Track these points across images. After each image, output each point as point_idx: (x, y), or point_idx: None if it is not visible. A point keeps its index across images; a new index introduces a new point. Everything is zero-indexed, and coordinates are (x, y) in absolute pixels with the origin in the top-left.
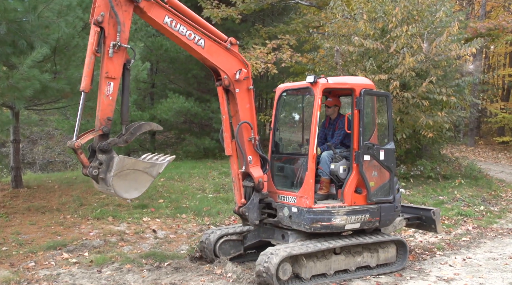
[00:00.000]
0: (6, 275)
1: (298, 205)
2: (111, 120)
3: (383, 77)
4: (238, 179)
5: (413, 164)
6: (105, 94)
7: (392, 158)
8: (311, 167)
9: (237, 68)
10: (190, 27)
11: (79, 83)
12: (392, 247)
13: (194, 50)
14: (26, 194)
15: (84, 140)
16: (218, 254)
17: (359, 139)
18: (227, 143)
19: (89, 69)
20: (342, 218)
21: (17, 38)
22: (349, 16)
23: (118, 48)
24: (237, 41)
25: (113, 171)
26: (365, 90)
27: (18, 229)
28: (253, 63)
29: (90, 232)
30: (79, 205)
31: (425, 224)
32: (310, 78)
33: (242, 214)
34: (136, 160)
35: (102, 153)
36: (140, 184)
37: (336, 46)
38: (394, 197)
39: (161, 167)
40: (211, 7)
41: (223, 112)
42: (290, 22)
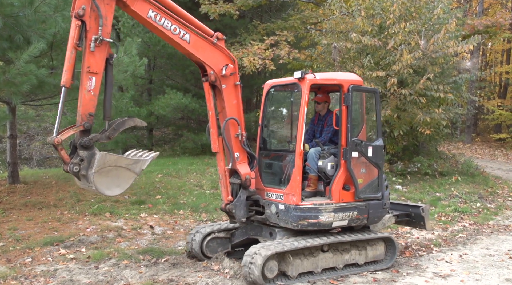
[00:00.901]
0: (3, 270)
1: (285, 202)
2: (93, 116)
3: (381, 74)
4: (224, 176)
5: (410, 160)
6: (86, 89)
7: (380, 154)
8: (298, 164)
9: (223, 63)
10: (175, 21)
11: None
12: (380, 245)
13: (179, 45)
14: (23, 189)
15: (64, 136)
16: (206, 252)
17: (347, 136)
18: (213, 140)
19: (69, 64)
20: (330, 215)
21: (13, 33)
22: (347, 12)
23: (100, 42)
24: (224, 36)
25: (95, 167)
26: (353, 86)
27: (15, 225)
28: (250, 60)
29: (87, 228)
30: (76, 201)
31: (414, 221)
32: (298, 73)
33: (229, 212)
34: (118, 156)
35: (83, 150)
36: (122, 181)
37: (333, 42)
38: (382, 194)
39: (144, 164)
40: (208, 2)
41: (209, 108)
42: (288, 19)
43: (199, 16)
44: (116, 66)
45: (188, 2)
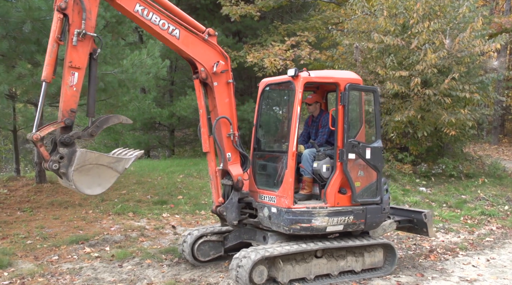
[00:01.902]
0: (31, 268)
1: (278, 205)
2: (74, 112)
3: (404, 74)
4: (215, 177)
5: (435, 162)
6: (68, 84)
7: (379, 157)
8: (290, 165)
9: (215, 60)
10: (164, 16)
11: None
12: (379, 251)
13: (168, 41)
14: (50, 189)
15: (43, 132)
16: (197, 255)
17: (344, 136)
18: (204, 139)
19: (51, 58)
20: (323, 219)
21: (41, 36)
22: (369, 12)
23: (83, 36)
24: (216, 33)
25: (74, 165)
26: (350, 85)
27: (42, 223)
28: (271, 60)
29: (111, 227)
30: (101, 201)
31: (416, 228)
32: (291, 71)
33: (220, 214)
34: (99, 154)
35: (63, 146)
36: (104, 180)
37: (355, 42)
38: (381, 198)
39: (128, 162)
40: (230, 4)
41: (199, 106)
42: (309, 19)
43: (220, 18)
44: (139, 67)
45: (210, 4)
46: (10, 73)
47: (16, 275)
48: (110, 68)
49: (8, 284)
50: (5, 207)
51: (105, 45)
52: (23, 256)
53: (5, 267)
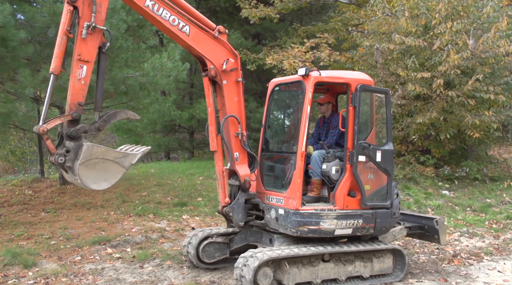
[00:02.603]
0: (54, 268)
1: (285, 206)
2: (82, 106)
3: (426, 75)
4: (222, 176)
5: (458, 165)
6: (76, 77)
7: (390, 160)
8: (299, 166)
9: (224, 58)
10: (174, 12)
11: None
12: (388, 257)
13: (178, 37)
14: (73, 190)
15: (50, 125)
16: (202, 257)
17: (354, 138)
18: (211, 138)
19: (59, 50)
20: (332, 222)
21: None
22: (390, 13)
23: (92, 29)
24: (226, 30)
25: (80, 159)
26: (361, 86)
27: (66, 224)
28: (290, 62)
29: (132, 229)
30: (122, 202)
31: (427, 234)
32: (302, 70)
33: (226, 215)
34: (106, 148)
35: (70, 140)
36: (110, 175)
37: (376, 44)
38: (391, 202)
39: (134, 158)
40: (249, 7)
41: (208, 104)
42: (328, 21)
43: (239, 20)
44: (160, 71)
45: (229, 7)
46: (35, 76)
47: (41, 275)
48: (132, 71)
49: (33, 283)
50: (30, 208)
51: (127, 48)
52: (47, 256)
53: (30, 267)
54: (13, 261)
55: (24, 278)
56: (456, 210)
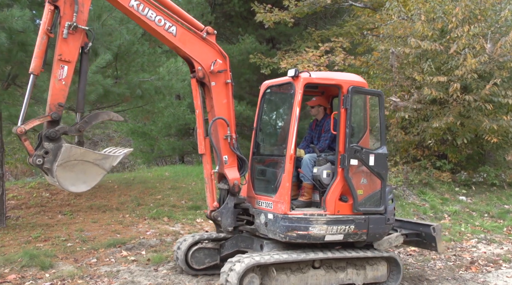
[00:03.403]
0: (71, 270)
1: (274, 211)
2: (62, 107)
3: (442, 79)
4: (210, 180)
5: (475, 170)
6: (57, 78)
7: (384, 164)
8: (288, 169)
9: (212, 59)
10: (160, 12)
11: (138, 88)
12: (382, 265)
13: (165, 38)
14: (89, 193)
15: (28, 125)
16: (191, 263)
17: (345, 141)
18: (199, 140)
19: (39, 50)
20: (322, 227)
21: None
22: (406, 17)
23: (74, 29)
24: (215, 31)
25: (58, 160)
26: (353, 87)
27: (82, 227)
28: (305, 66)
29: (147, 231)
30: (137, 205)
31: (425, 242)
32: (291, 71)
33: (214, 219)
34: (85, 150)
35: (48, 141)
36: (89, 177)
37: (391, 48)
38: (385, 208)
39: (115, 160)
40: (264, 11)
41: (196, 106)
42: (343, 25)
43: (254, 25)
44: (175, 75)
45: (244, 12)
46: None
47: (57, 276)
48: (147, 76)
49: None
50: (47, 210)
51: (143, 53)
52: (64, 258)
53: (47, 269)
54: (30, 262)
55: (41, 280)
56: (473, 216)
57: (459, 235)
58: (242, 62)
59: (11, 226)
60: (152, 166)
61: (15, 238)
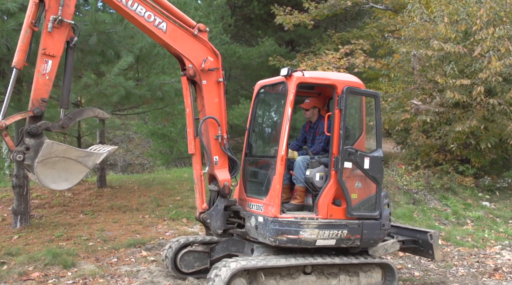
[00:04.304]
0: (92, 269)
1: (264, 214)
2: (46, 102)
3: (465, 82)
4: (200, 181)
5: (499, 175)
6: (40, 72)
7: (379, 167)
8: (279, 170)
9: (204, 56)
10: (150, 8)
11: (159, 90)
12: (377, 272)
13: (154, 34)
14: (110, 193)
15: (9, 120)
16: (180, 266)
17: (339, 143)
18: (189, 140)
19: (23, 43)
20: (313, 231)
21: (106, 48)
22: (428, 19)
23: (59, 23)
24: (207, 28)
25: (39, 157)
26: (348, 88)
27: (103, 226)
28: (324, 69)
29: (166, 232)
30: (156, 206)
31: (422, 249)
32: (284, 70)
33: (204, 221)
34: (68, 147)
35: (30, 137)
36: (71, 175)
37: (413, 50)
38: (380, 213)
39: (99, 158)
40: (283, 13)
41: (186, 105)
42: (364, 27)
43: (273, 27)
44: None
45: (264, 14)
46: (77, 83)
47: (79, 275)
48: (168, 78)
49: (72, 283)
50: (69, 210)
51: (163, 55)
52: (85, 257)
53: (69, 267)
54: (53, 261)
55: (63, 278)
56: (497, 222)
57: (482, 241)
58: (261, 64)
59: (35, 225)
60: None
61: (39, 236)
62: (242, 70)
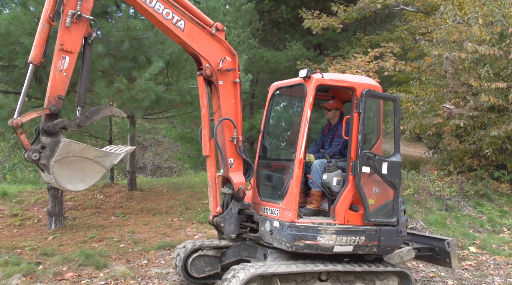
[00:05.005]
0: (123, 270)
1: (280, 218)
2: (62, 99)
3: (501, 85)
4: (214, 183)
5: None
6: (57, 69)
7: (397, 172)
8: (297, 174)
9: (221, 56)
10: (168, 5)
11: (188, 94)
12: (393, 280)
13: (172, 32)
14: (140, 196)
15: (25, 118)
16: (191, 271)
17: (358, 147)
18: (204, 142)
19: (40, 39)
20: (331, 237)
21: (137, 53)
22: (462, 21)
23: (77, 18)
24: (224, 27)
25: (56, 156)
26: (367, 91)
27: (133, 228)
28: (353, 72)
29: (194, 235)
30: (185, 209)
31: (438, 257)
32: (303, 72)
33: (217, 225)
34: (85, 146)
35: (46, 136)
36: (88, 175)
37: (445, 53)
38: (398, 219)
39: (116, 158)
40: (312, 17)
41: (202, 105)
42: (394, 30)
43: (301, 31)
44: None
45: (291, 18)
46: (110, 88)
47: (111, 276)
48: (197, 83)
49: (104, 284)
50: (101, 212)
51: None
52: (117, 258)
53: (101, 268)
54: (86, 261)
55: (96, 279)
56: None
57: None
58: (289, 68)
59: (69, 226)
60: (199, 171)
61: (72, 237)
62: (270, 74)
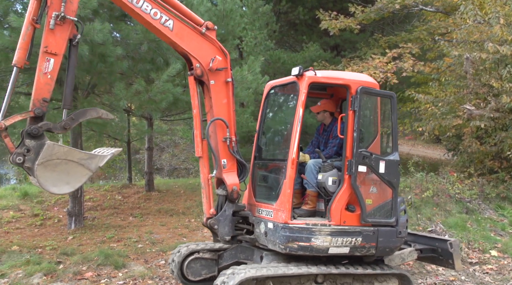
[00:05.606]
0: (141, 270)
1: (274, 220)
2: (47, 102)
3: None
4: (207, 185)
5: None
6: (42, 71)
7: (395, 171)
8: (290, 174)
9: (212, 56)
10: (156, 5)
11: None
12: (393, 282)
13: (161, 32)
14: (157, 197)
15: (9, 121)
16: (187, 274)
17: (353, 146)
18: (196, 142)
19: (24, 41)
20: (325, 239)
21: (155, 55)
22: (482, 20)
23: (62, 20)
24: (215, 27)
25: (39, 159)
26: (362, 88)
27: (151, 229)
28: (371, 73)
29: (211, 236)
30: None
31: (441, 258)
32: (295, 70)
33: (211, 227)
34: (70, 148)
35: (30, 138)
36: (73, 178)
37: (466, 53)
38: (397, 219)
39: (102, 160)
40: (329, 18)
41: (193, 106)
42: (412, 30)
43: (318, 32)
44: (240, 83)
45: (308, 19)
46: (129, 90)
47: (129, 276)
48: None
49: (122, 284)
50: (119, 212)
51: None
52: (135, 258)
53: (120, 268)
54: (105, 261)
55: (115, 278)
56: None
57: None
58: None
59: (88, 226)
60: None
61: (92, 237)
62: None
